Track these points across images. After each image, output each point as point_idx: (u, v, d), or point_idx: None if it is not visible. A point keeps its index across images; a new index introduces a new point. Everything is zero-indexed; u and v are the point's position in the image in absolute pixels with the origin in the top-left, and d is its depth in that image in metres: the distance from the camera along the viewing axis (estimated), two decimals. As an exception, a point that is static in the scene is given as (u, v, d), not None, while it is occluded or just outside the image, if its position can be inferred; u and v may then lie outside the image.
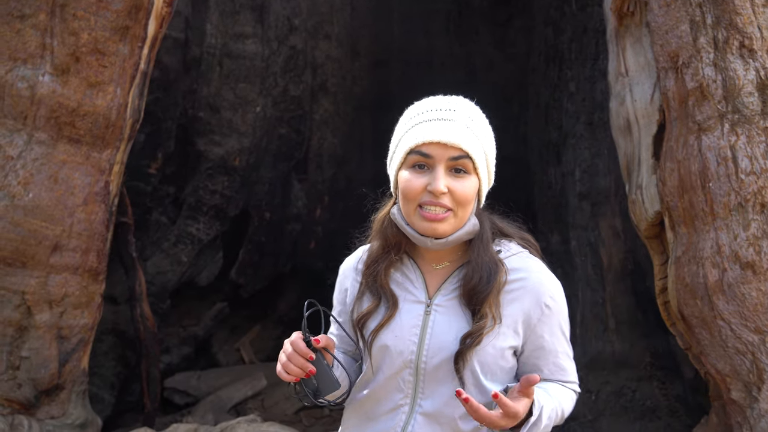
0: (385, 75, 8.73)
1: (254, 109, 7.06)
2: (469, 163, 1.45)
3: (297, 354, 1.41)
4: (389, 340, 1.50)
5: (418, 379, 1.48)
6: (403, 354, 1.48)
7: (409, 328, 1.49)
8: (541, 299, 1.50)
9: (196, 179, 6.85)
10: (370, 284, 1.56)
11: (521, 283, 1.50)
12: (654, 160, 3.72)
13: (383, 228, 1.59)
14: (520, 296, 1.49)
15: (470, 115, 1.49)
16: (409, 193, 1.46)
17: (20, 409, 3.85)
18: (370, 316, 1.54)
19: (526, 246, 1.59)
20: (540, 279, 1.51)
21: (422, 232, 1.47)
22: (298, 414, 6.12)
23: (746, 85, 3.24)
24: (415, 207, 1.46)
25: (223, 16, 6.88)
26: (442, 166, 1.44)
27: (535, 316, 1.49)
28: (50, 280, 3.91)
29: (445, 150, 1.43)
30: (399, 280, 1.56)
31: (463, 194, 1.44)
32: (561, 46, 6.63)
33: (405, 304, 1.53)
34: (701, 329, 3.35)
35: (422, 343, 1.48)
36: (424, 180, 1.44)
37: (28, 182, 3.78)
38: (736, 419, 3.25)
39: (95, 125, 3.95)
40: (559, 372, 1.55)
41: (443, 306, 1.51)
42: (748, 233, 3.16)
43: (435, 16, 9.20)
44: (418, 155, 1.46)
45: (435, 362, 1.46)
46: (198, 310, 7.12)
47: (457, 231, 1.47)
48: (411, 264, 1.57)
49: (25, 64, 3.77)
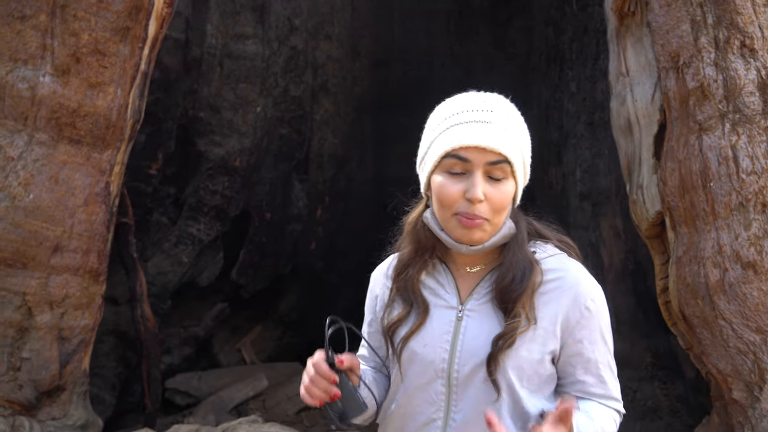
0: (386, 75, 8.73)
1: (255, 109, 7.06)
2: (508, 167, 1.37)
3: (320, 377, 1.34)
4: (419, 349, 1.43)
5: (451, 390, 1.40)
6: (434, 363, 1.41)
7: (440, 335, 1.42)
8: (581, 300, 1.40)
9: (196, 180, 6.84)
10: (402, 290, 1.50)
11: (558, 282, 1.41)
12: (655, 160, 3.72)
13: (415, 231, 1.51)
14: (557, 296, 1.40)
15: (508, 115, 1.42)
16: (445, 199, 1.38)
17: (21, 410, 3.85)
18: (400, 323, 1.47)
19: (564, 248, 1.50)
20: (578, 279, 1.42)
21: (458, 240, 1.40)
22: (299, 414, 6.12)
23: (747, 85, 3.23)
24: (451, 214, 1.38)
25: (224, 17, 6.88)
26: (479, 171, 1.35)
27: (573, 318, 1.40)
28: (51, 281, 3.90)
29: (483, 155, 1.35)
30: (431, 286, 1.48)
31: (500, 201, 1.37)
32: (562, 46, 6.63)
33: (436, 310, 1.45)
34: (702, 329, 3.34)
35: (454, 351, 1.40)
36: (460, 186, 1.36)
37: (28, 183, 3.78)
38: (738, 419, 3.25)
39: (96, 126, 3.95)
40: (599, 385, 1.43)
41: (475, 311, 1.43)
42: (749, 233, 3.16)
43: (435, 17, 9.20)
44: (454, 159, 1.37)
45: (467, 370, 1.38)
46: (199, 311, 7.12)
47: (493, 237, 1.40)
48: (443, 268, 1.50)
49: (26, 64, 3.77)
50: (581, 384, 1.42)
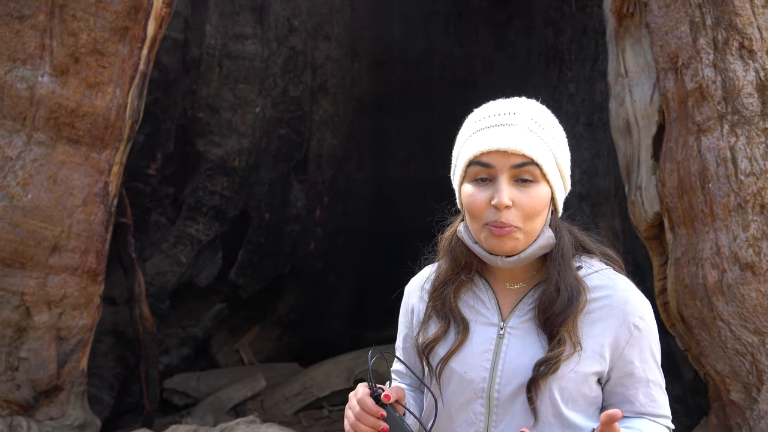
0: (385, 76, 8.73)
1: (254, 109, 7.05)
2: (536, 169, 1.30)
3: (366, 413, 1.27)
4: (458, 367, 1.37)
5: (491, 411, 1.35)
6: (474, 382, 1.35)
7: (481, 354, 1.36)
8: (629, 319, 1.34)
9: (195, 180, 6.84)
10: (438, 307, 1.43)
11: (606, 302, 1.35)
12: (653, 161, 3.72)
13: (451, 247, 1.45)
14: (604, 316, 1.34)
15: (533, 116, 1.35)
16: (473, 210, 1.33)
17: (19, 410, 3.84)
18: (438, 341, 1.40)
19: (609, 263, 1.44)
20: (627, 298, 1.36)
21: (490, 250, 1.34)
22: (297, 415, 6.12)
23: (746, 86, 3.23)
24: (482, 225, 1.32)
25: (223, 17, 6.88)
26: (505, 176, 1.29)
27: (623, 339, 1.34)
28: (49, 280, 3.90)
29: (506, 158, 1.29)
30: (470, 303, 1.42)
31: (530, 206, 1.30)
32: (561, 47, 6.63)
33: (476, 327, 1.39)
34: (701, 330, 3.34)
35: (494, 370, 1.35)
36: (487, 194, 1.30)
37: (27, 183, 3.78)
38: (736, 420, 3.25)
39: (94, 126, 3.95)
40: (650, 404, 1.38)
41: (517, 329, 1.37)
42: (747, 234, 3.16)
43: (435, 17, 9.21)
44: (478, 166, 1.32)
45: (509, 391, 1.33)
46: (197, 311, 7.11)
47: (529, 246, 1.33)
48: (483, 284, 1.44)
49: (25, 64, 3.77)
50: (631, 404, 1.37)
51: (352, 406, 1.30)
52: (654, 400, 1.38)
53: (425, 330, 1.45)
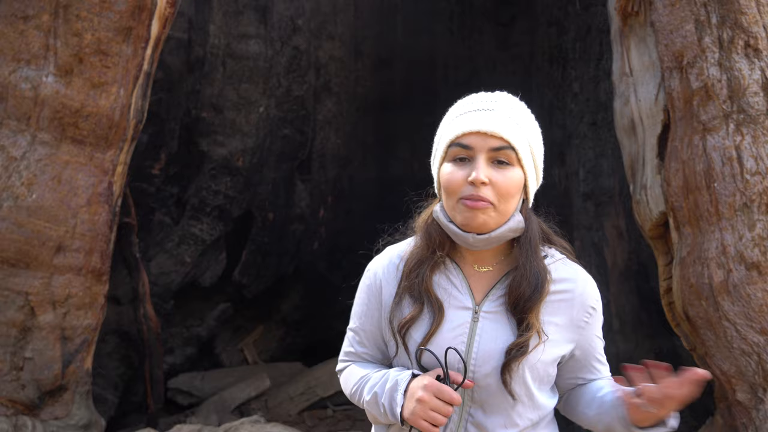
0: (389, 75, 8.72)
1: (257, 109, 7.06)
2: (512, 153, 1.39)
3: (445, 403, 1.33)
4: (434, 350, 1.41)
5: (467, 391, 1.42)
6: (449, 365, 1.40)
7: (455, 337, 1.43)
8: (588, 303, 1.50)
9: (199, 180, 6.85)
10: (413, 288, 1.48)
11: (569, 290, 1.48)
12: (658, 161, 3.71)
13: (427, 227, 1.52)
14: (568, 303, 1.47)
15: (512, 106, 1.45)
16: (450, 185, 1.40)
17: (24, 410, 3.85)
18: (413, 322, 1.45)
19: (564, 252, 1.55)
20: (586, 285, 1.51)
21: (463, 223, 1.40)
22: (301, 415, 6.12)
23: (751, 85, 3.22)
24: (456, 200, 1.40)
25: (227, 17, 6.88)
26: (483, 156, 1.38)
27: (583, 320, 1.49)
28: (54, 280, 3.91)
29: (485, 140, 1.38)
30: (443, 284, 1.48)
31: (505, 186, 1.38)
32: (565, 46, 6.62)
33: (450, 310, 1.45)
34: (706, 330, 3.33)
35: (470, 352, 1.42)
36: (464, 172, 1.39)
37: (31, 183, 3.79)
38: (742, 420, 3.24)
39: (98, 126, 3.95)
40: (605, 369, 1.57)
41: (491, 313, 1.44)
42: (753, 233, 3.15)
43: (438, 17, 9.19)
44: (458, 147, 1.41)
45: (483, 372, 1.41)
46: (201, 311, 7.12)
47: (500, 227, 1.41)
48: (454, 267, 1.50)
49: (29, 65, 3.77)
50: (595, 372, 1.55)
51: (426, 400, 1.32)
52: (605, 364, 1.58)
53: (399, 310, 1.49)
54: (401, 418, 1.36)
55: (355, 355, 1.60)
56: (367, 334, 1.58)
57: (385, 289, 1.54)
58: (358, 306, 1.60)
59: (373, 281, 1.58)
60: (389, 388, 1.40)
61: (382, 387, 1.43)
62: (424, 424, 1.33)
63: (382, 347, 1.57)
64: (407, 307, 1.48)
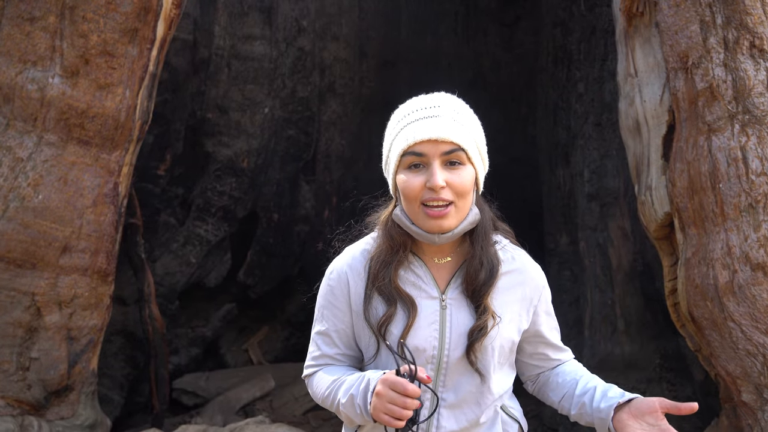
0: (393, 76, 8.73)
1: (262, 110, 7.07)
2: (462, 154, 1.47)
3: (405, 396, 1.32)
4: (411, 341, 1.51)
5: (440, 373, 1.52)
6: (425, 351, 1.51)
7: (428, 325, 1.52)
8: (538, 281, 1.64)
9: (204, 180, 6.86)
10: (383, 289, 1.54)
11: (520, 273, 1.61)
12: (663, 161, 3.70)
13: (387, 229, 1.59)
14: (520, 284, 1.60)
15: (455, 107, 1.52)
16: (409, 193, 1.48)
17: (30, 409, 3.86)
18: (390, 320, 1.52)
19: (507, 237, 1.67)
20: (531, 265, 1.65)
21: (429, 230, 1.49)
22: (306, 415, 6.13)
23: (757, 86, 3.22)
24: (418, 206, 1.48)
25: (232, 18, 6.90)
26: (437, 161, 1.45)
27: (535, 298, 1.62)
28: (60, 281, 3.92)
29: (436, 146, 1.45)
30: (410, 279, 1.57)
31: (461, 185, 1.46)
32: (569, 47, 6.61)
33: (421, 302, 1.54)
34: (711, 331, 3.33)
35: (443, 338, 1.51)
36: (421, 178, 1.46)
37: (38, 184, 3.80)
38: (747, 421, 3.23)
39: (104, 127, 3.97)
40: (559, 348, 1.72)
41: (455, 299, 1.55)
42: (758, 234, 3.14)
43: (443, 17, 9.20)
44: (412, 156, 1.47)
45: (456, 356, 1.51)
46: (206, 312, 7.14)
47: (461, 223, 1.50)
48: (417, 261, 1.59)
49: (35, 66, 3.79)
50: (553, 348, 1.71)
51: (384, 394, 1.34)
52: (560, 342, 1.73)
53: (373, 310, 1.54)
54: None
55: (327, 357, 1.62)
56: (339, 334, 1.61)
57: (353, 289, 1.59)
58: (325, 309, 1.64)
59: (338, 282, 1.63)
60: (362, 388, 1.43)
61: (357, 388, 1.45)
62: (384, 417, 1.34)
63: (353, 347, 1.62)
64: (380, 306, 1.54)
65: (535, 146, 7.52)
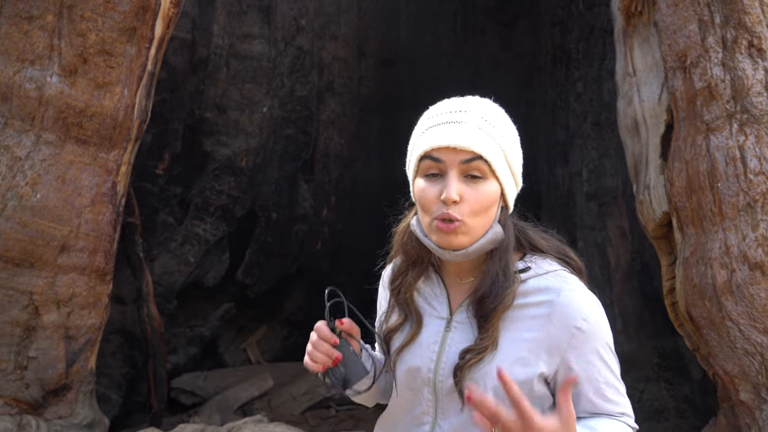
0: (392, 75, 8.73)
1: (261, 109, 7.07)
2: (484, 165, 1.32)
3: (322, 340, 1.39)
4: (409, 357, 1.44)
5: (437, 398, 1.40)
6: (421, 372, 1.41)
7: (428, 345, 1.42)
8: (570, 322, 1.31)
9: (202, 180, 6.86)
10: (399, 301, 1.50)
11: (547, 304, 1.34)
12: (662, 161, 3.71)
13: (404, 241, 1.50)
14: (545, 318, 1.33)
15: (484, 114, 1.36)
16: (424, 204, 1.36)
17: (28, 409, 3.86)
18: (395, 332, 1.48)
19: (564, 264, 1.42)
20: (569, 299, 1.33)
21: (439, 245, 1.36)
22: (304, 414, 6.13)
23: (755, 85, 3.22)
24: (432, 219, 1.34)
25: (230, 17, 6.90)
26: (454, 171, 1.32)
27: (564, 341, 1.31)
28: (58, 280, 3.92)
29: (455, 154, 1.31)
30: (425, 295, 1.49)
31: (478, 202, 1.32)
32: (568, 46, 6.61)
33: (428, 320, 1.46)
34: (709, 330, 3.33)
35: (439, 361, 1.40)
36: (437, 189, 1.33)
37: (35, 183, 3.80)
38: (745, 421, 3.24)
39: (102, 126, 3.96)
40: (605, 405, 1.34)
41: (462, 323, 1.41)
42: (756, 234, 3.14)
43: (442, 17, 9.20)
44: (429, 161, 1.35)
45: (451, 381, 1.36)
46: (205, 311, 7.14)
47: (477, 241, 1.35)
48: (436, 278, 1.49)
49: (33, 65, 3.78)
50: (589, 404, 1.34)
51: (311, 337, 1.41)
52: (608, 401, 1.35)
53: (389, 318, 1.53)
54: None
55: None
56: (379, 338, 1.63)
57: (383, 301, 1.61)
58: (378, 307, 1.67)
59: (380, 291, 1.66)
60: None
61: None
62: (306, 360, 1.41)
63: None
64: (394, 317, 1.52)
65: (533, 145, 7.52)
